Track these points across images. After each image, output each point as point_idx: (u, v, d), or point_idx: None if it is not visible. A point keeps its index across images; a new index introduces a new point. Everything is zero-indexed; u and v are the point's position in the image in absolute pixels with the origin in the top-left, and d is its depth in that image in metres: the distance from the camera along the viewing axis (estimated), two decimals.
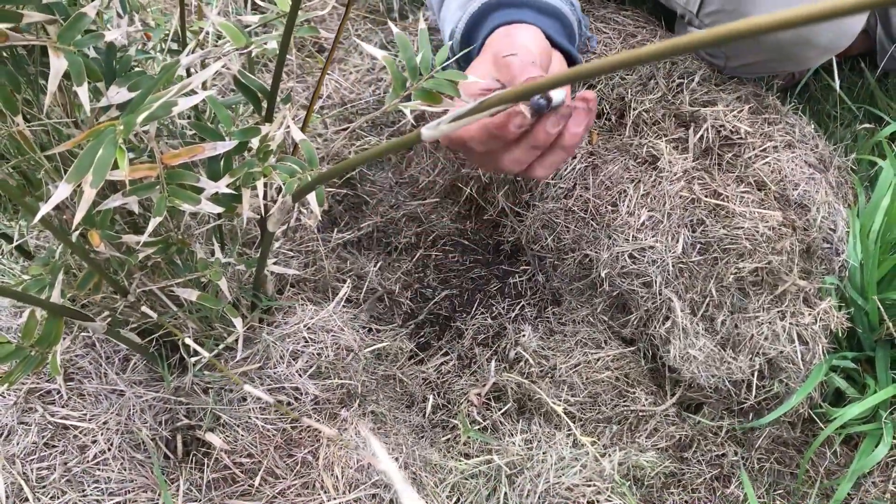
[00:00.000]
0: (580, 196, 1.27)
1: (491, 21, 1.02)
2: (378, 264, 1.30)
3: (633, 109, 1.31)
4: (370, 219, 1.32)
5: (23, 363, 0.74)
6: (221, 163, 0.78)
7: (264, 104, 0.81)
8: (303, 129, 0.81)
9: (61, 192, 0.61)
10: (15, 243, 0.91)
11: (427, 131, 0.53)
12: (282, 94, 0.82)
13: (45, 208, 0.61)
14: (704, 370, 1.18)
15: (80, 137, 0.65)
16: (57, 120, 0.74)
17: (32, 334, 0.73)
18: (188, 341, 0.68)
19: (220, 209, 0.73)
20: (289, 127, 0.78)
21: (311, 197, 0.75)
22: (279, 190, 0.82)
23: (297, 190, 0.72)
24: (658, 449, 1.17)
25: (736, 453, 1.21)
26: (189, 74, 0.83)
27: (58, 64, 0.63)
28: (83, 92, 0.65)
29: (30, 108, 0.74)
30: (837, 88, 1.55)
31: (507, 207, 1.36)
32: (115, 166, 0.75)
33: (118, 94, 0.71)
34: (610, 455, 1.10)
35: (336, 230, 1.30)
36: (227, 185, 0.76)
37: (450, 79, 0.78)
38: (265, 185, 0.79)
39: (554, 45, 1.01)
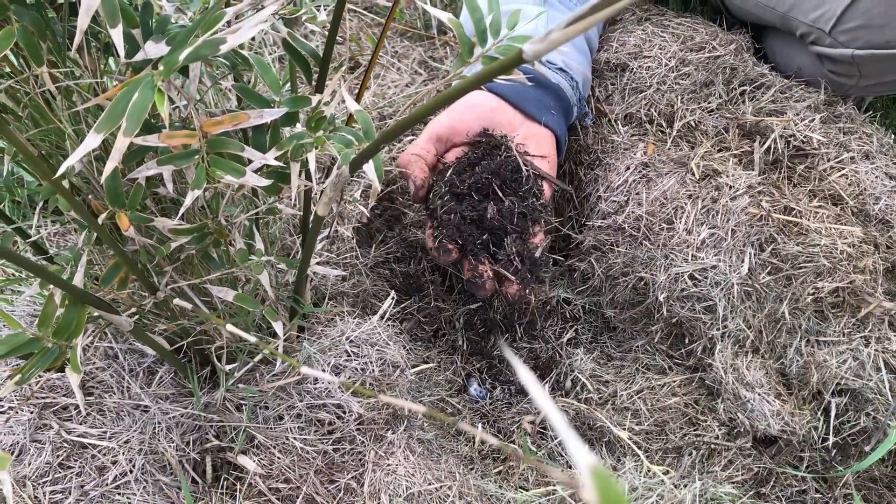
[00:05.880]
0: (632, 213, 1.17)
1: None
2: (421, 280, 1.20)
3: (685, 118, 1.23)
4: (411, 233, 1.23)
5: (38, 357, 0.64)
6: (268, 134, 0.69)
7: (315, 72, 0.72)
8: (357, 100, 0.72)
9: (90, 141, 0.53)
10: (32, 238, 0.82)
11: (531, 47, 0.44)
12: (332, 64, 0.74)
13: (70, 160, 0.52)
14: (764, 422, 1.07)
15: (115, 90, 0.56)
16: (84, 80, 0.66)
17: (50, 322, 0.64)
18: (232, 329, 0.58)
19: (266, 182, 0.64)
20: (343, 97, 0.69)
21: (370, 168, 0.65)
22: (327, 171, 0.73)
23: (354, 159, 0.63)
24: (734, 483, 1.05)
25: (818, 490, 1.09)
26: None
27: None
28: (117, 35, 0.57)
29: (55, 67, 0.66)
30: None
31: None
32: (150, 131, 0.67)
33: (155, 48, 0.63)
34: (687, 486, 0.98)
35: (374, 245, 1.21)
36: (276, 159, 0.67)
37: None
38: (316, 163, 0.70)
39: (529, 116, 1.13)
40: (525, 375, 0.28)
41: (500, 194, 1.04)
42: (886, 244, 1.15)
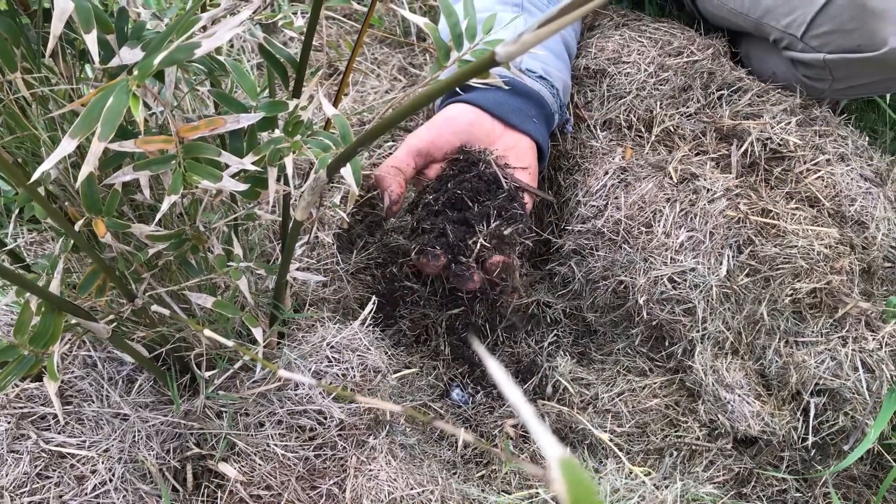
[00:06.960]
0: (611, 217, 1.17)
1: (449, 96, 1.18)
2: (400, 287, 1.20)
3: (664, 123, 1.24)
4: (392, 238, 1.23)
5: (14, 365, 0.64)
6: (245, 139, 0.69)
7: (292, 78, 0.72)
8: (334, 105, 0.72)
9: (65, 146, 0.53)
10: (8, 247, 0.81)
11: (503, 49, 0.44)
12: (309, 69, 0.74)
13: (45, 164, 0.52)
14: (745, 423, 1.07)
15: (90, 95, 0.56)
16: (60, 86, 0.66)
17: (26, 330, 0.63)
18: (215, 333, 0.58)
19: (244, 187, 0.64)
20: (320, 101, 0.69)
21: (347, 172, 0.66)
22: (305, 176, 0.73)
23: (332, 163, 0.63)
24: (715, 483, 1.06)
25: (798, 489, 1.10)
26: None
27: (63, 4, 0.54)
28: (91, 40, 0.57)
29: (30, 73, 0.66)
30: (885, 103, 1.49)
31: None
32: (126, 136, 0.67)
33: (130, 54, 0.62)
34: (669, 487, 0.98)
35: (355, 251, 1.21)
36: (253, 164, 0.67)
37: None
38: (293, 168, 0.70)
39: (510, 126, 1.14)
40: (496, 371, 0.28)
41: (474, 206, 1.05)
42: (862, 245, 1.16)
